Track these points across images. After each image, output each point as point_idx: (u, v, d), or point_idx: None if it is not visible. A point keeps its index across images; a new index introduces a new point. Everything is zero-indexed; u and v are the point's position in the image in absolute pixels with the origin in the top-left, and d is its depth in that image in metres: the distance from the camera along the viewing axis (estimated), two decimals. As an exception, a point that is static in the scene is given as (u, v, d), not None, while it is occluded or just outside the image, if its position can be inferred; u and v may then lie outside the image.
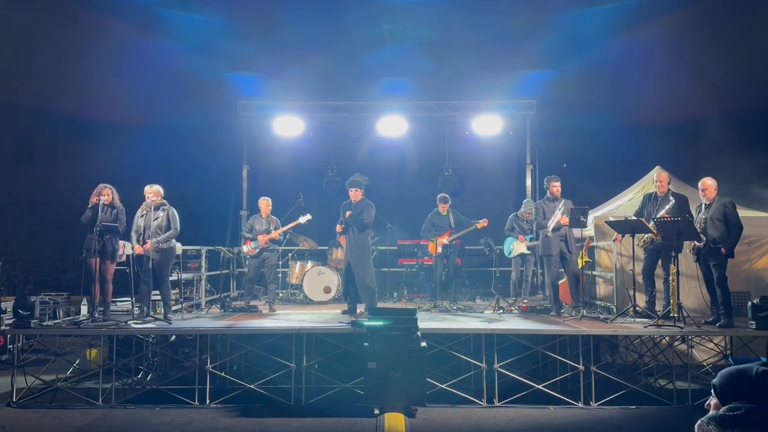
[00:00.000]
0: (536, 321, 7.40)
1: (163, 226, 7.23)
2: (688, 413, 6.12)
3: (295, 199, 10.09)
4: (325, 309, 8.81)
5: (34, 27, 12.39)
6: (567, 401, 6.41)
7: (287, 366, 6.55)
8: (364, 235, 7.80)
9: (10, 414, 6.10)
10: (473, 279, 11.32)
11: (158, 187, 7.31)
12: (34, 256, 15.87)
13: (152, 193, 7.22)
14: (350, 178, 8.01)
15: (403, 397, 5.93)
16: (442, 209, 9.05)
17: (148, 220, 7.12)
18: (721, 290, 6.66)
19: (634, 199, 9.16)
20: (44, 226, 16.43)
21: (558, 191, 7.76)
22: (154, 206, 7.19)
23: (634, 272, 7.47)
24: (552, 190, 7.81)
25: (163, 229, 7.21)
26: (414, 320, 6.22)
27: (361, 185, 7.88)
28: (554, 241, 7.59)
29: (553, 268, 7.74)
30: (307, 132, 12.18)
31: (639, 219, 7.04)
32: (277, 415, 6.06)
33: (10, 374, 6.63)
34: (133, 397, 6.83)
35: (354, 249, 7.75)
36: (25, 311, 6.62)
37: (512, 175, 12.50)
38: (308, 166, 12.42)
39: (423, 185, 12.29)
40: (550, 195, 7.80)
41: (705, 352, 7.49)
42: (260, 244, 8.42)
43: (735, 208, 6.72)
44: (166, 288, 7.35)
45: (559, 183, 7.82)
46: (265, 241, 8.39)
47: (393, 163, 12.33)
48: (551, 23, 12.09)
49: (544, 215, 7.72)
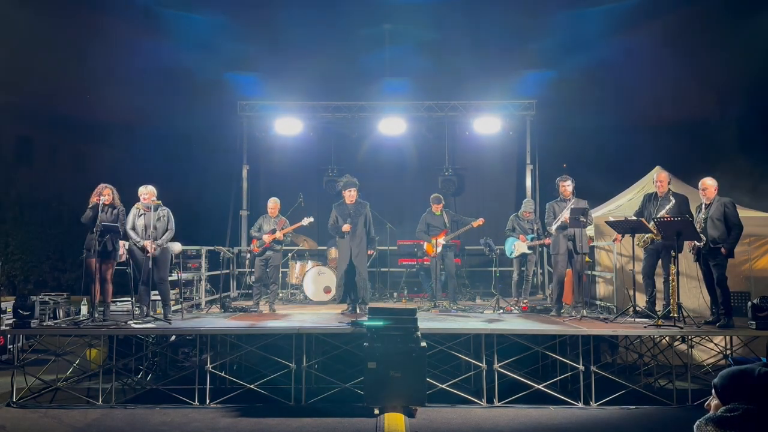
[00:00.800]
0: (536, 321, 7.39)
1: (164, 225, 7.26)
2: (688, 413, 6.12)
3: (295, 199, 10.10)
4: (325, 309, 8.82)
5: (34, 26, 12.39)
6: (567, 401, 6.41)
7: (287, 366, 6.55)
8: (367, 235, 8.07)
9: (10, 414, 6.10)
10: (473, 279, 11.33)
11: (152, 188, 7.33)
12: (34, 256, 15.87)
13: (148, 194, 7.23)
14: (344, 180, 8.10)
15: (403, 397, 5.93)
16: (436, 209, 9.06)
17: (149, 220, 7.12)
18: (721, 290, 6.65)
19: (634, 199, 9.16)
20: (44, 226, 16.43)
21: (567, 191, 7.72)
22: (153, 206, 7.19)
23: (634, 272, 7.47)
24: (561, 191, 7.81)
25: (164, 229, 7.23)
26: (414, 320, 6.21)
27: (357, 185, 8.01)
28: (561, 240, 7.61)
29: (559, 266, 7.75)
30: (307, 132, 12.19)
31: (639, 219, 7.03)
32: (277, 415, 6.06)
33: (10, 374, 6.63)
34: (133, 397, 6.84)
35: (358, 246, 7.86)
36: (25, 311, 6.62)
37: (512, 175, 12.49)
38: (308, 166, 12.42)
39: (423, 185, 12.29)
40: (561, 195, 7.80)
41: (705, 352, 7.49)
42: (264, 243, 8.43)
43: (735, 208, 6.72)
44: (165, 288, 7.35)
45: (568, 182, 7.74)
46: (269, 241, 8.41)
47: (393, 163, 12.33)
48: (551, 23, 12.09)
49: (554, 215, 7.72)
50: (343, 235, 7.90)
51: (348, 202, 7.96)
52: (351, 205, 7.95)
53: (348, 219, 7.90)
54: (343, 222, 7.92)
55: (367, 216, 8.01)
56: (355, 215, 7.90)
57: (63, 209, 16.88)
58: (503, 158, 12.42)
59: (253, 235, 8.64)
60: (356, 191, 7.98)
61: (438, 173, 12.20)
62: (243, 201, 12.44)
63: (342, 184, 8.08)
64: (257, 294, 8.70)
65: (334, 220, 8.02)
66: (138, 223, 7.20)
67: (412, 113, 12.19)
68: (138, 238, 7.15)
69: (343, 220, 7.91)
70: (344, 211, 7.94)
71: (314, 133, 12.21)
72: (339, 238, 8.03)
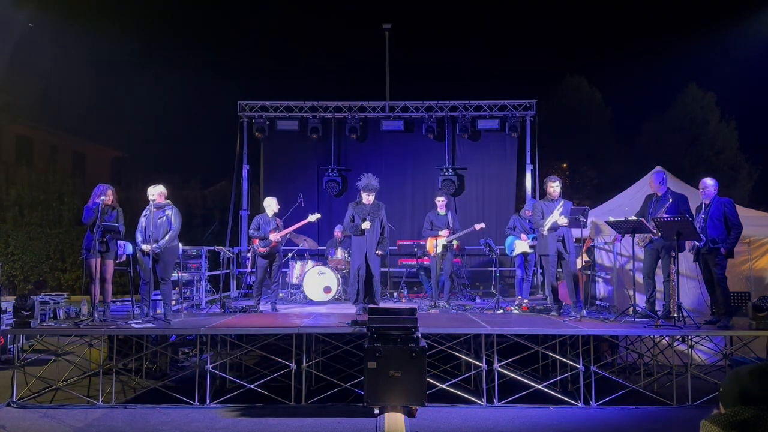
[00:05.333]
0: (536, 321, 7.39)
1: (165, 226, 7.21)
2: (688, 413, 6.13)
3: (295, 199, 10.11)
4: (325, 309, 8.82)
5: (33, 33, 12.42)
6: (567, 401, 6.40)
7: (287, 366, 6.55)
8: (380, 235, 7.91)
9: (10, 414, 6.10)
10: (473, 279, 11.34)
11: (161, 187, 7.28)
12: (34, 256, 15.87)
13: (155, 194, 7.21)
14: (366, 182, 7.83)
15: (402, 397, 5.92)
16: (441, 209, 9.09)
17: (149, 221, 7.11)
18: (721, 290, 6.65)
19: (634, 199, 9.16)
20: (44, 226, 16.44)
21: (555, 192, 7.68)
22: (156, 206, 7.18)
23: (634, 272, 7.47)
24: (548, 191, 7.76)
25: (165, 230, 7.20)
26: (414, 320, 6.21)
27: (377, 189, 7.88)
28: (551, 241, 7.57)
29: (550, 268, 7.73)
30: (307, 132, 12.19)
31: (639, 219, 7.03)
32: (277, 415, 6.06)
33: (10, 374, 6.63)
34: (133, 397, 6.84)
35: (373, 246, 7.72)
36: (25, 311, 6.62)
37: (512, 175, 12.50)
38: (308, 166, 12.44)
39: (423, 185, 12.32)
40: (549, 196, 7.76)
41: (705, 352, 7.49)
42: (271, 243, 8.39)
43: (735, 208, 6.71)
44: (167, 288, 7.32)
45: (556, 183, 7.71)
46: (277, 240, 8.38)
47: (393, 163, 12.36)
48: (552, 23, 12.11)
49: (542, 215, 7.68)
50: (363, 232, 7.69)
51: (365, 202, 7.82)
52: (368, 205, 7.82)
53: (367, 218, 7.79)
54: (359, 221, 7.76)
55: (383, 218, 7.90)
56: (373, 216, 7.77)
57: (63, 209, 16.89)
58: (503, 158, 12.43)
59: (254, 234, 8.62)
60: (372, 194, 7.81)
61: (438, 173, 12.22)
62: (243, 201, 12.46)
63: (363, 185, 7.89)
64: (257, 294, 8.68)
65: (350, 219, 7.84)
66: (141, 223, 7.18)
67: (413, 113, 12.23)
68: (141, 238, 7.16)
69: (361, 219, 7.76)
70: (362, 210, 7.77)
71: (314, 133, 12.22)
72: (354, 237, 7.84)
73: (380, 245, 7.87)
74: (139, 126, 20.98)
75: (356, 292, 7.76)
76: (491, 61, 25.96)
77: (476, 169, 12.43)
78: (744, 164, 20.62)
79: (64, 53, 13.50)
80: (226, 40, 26.52)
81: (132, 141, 21.48)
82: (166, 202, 7.26)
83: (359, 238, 7.75)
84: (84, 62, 13.50)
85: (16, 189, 17.05)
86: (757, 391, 1.54)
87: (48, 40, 13.14)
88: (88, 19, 12.84)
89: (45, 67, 13.72)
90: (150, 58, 20.84)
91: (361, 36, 12.59)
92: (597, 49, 29.04)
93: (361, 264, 7.70)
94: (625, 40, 26.78)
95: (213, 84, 12.78)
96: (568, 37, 28.32)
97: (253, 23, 26.06)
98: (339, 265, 10.16)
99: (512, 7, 29.84)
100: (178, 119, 20.96)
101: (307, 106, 12.29)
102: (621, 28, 28.38)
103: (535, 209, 7.85)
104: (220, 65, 24.48)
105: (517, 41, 28.32)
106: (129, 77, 20.65)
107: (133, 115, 21.09)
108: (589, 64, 26.95)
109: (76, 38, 13.19)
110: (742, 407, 1.53)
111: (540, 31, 28.24)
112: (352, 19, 27.50)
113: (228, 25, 25.66)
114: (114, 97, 20.41)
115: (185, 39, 22.35)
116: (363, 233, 7.69)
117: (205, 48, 25.77)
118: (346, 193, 12.14)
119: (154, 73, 19.58)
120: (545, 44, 27.79)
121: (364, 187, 7.82)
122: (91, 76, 13.67)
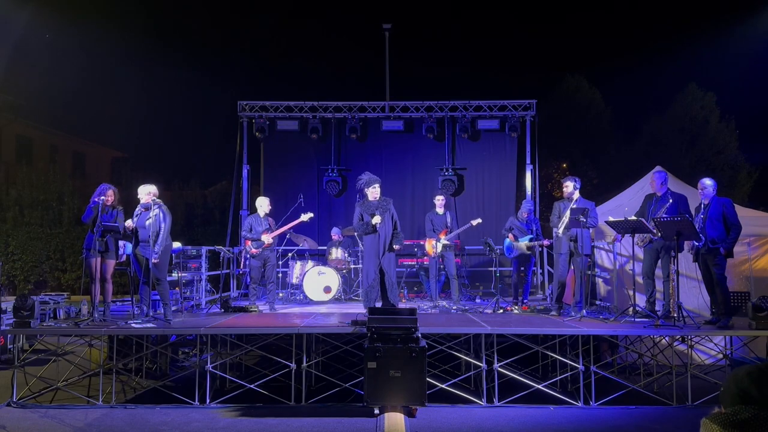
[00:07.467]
0: (536, 321, 7.39)
1: (154, 226, 7.01)
2: (688, 413, 6.13)
3: (295, 199, 10.11)
4: (325, 309, 8.82)
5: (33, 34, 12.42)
6: (567, 401, 6.41)
7: (287, 366, 6.55)
8: (393, 230, 7.53)
9: (10, 414, 6.10)
10: (473, 279, 11.34)
11: (151, 187, 7.16)
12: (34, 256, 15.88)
13: (143, 194, 7.15)
14: (365, 178, 7.53)
15: (402, 397, 5.93)
16: (439, 209, 9.12)
17: (140, 221, 7.05)
18: (721, 290, 6.66)
19: (634, 198, 9.16)
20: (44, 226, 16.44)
21: (566, 192, 7.72)
22: (143, 206, 7.13)
23: (634, 272, 7.47)
24: (563, 190, 7.86)
25: (156, 230, 7.02)
26: (414, 320, 6.22)
27: (380, 181, 7.52)
28: (564, 241, 7.63)
29: (560, 266, 7.75)
30: (307, 132, 12.20)
31: (639, 219, 7.03)
32: (277, 415, 6.06)
33: (10, 374, 6.63)
34: (133, 397, 6.84)
35: (386, 245, 7.31)
36: (25, 311, 6.62)
37: (512, 175, 12.51)
38: (308, 166, 12.45)
39: (423, 185, 12.33)
40: (564, 195, 7.86)
41: (705, 352, 7.49)
42: (263, 244, 8.40)
43: (733, 208, 6.72)
44: (164, 288, 7.26)
45: (567, 183, 7.73)
46: (269, 241, 8.38)
47: (393, 163, 12.37)
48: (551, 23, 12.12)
49: (558, 215, 7.75)
50: (375, 229, 7.26)
51: (371, 199, 7.44)
52: (375, 201, 7.42)
53: (376, 213, 7.33)
54: (369, 219, 7.35)
55: (392, 212, 7.50)
56: (382, 212, 7.35)
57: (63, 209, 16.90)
58: (503, 158, 12.44)
59: (247, 236, 8.61)
60: (380, 187, 7.45)
61: (438, 173, 12.23)
62: (243, 201, 12.46)
63: (364, 182, 7.49)
64: (254, 295, 8.67)
65: (359, 218, 7.41)
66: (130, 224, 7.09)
67: (413, 113, 12.24)
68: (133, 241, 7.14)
69: (369, 216, 7.36)
70: (369, 208, 7.39)
71: (314, 133, 12.22)
72: (366, 237, 7.41)
73: (395, 239, 7.53)
74: (139, 126, 21.02)
75: (372, 295, 7.24)
76: (491, 61, 26.02)
77: (476, 169, 12.44)
78: (744, 164, 20.63)
79: (64, 53, 13.50)
80: (226, 40, 26.60)
81: (132, 141, 21.52)
82: (157, 202, 7.09)
83: (371, 237, 7.29)
84: (84, 62, 13.49)
85: (16, 189, 17.06)
86: (755, 392, 1.54)
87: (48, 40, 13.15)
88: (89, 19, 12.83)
89: (45, 67, 13.71)
90: (150, 59, 20.91)
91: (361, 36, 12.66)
92: (597, 49, 29.14)
93: (376, 265, 7.25)
94: (625, 40, 26.85)
95: (213, 84, 12.81)
96: (568, 37, 28.39)
97: (254, 23, 26.12)
98: (339, 264, 10.16)
99: (512, 7, 29.95)
100: (179, 119, 21.01)
101: (307, 106, 12.30)
102: (621, 28, 28.44)
103: (554, 209, 7.92)
104: (221, 65, 24.53)
105: (517, 41, 28.43)
106: (129, 77, 20.72)
107: (133, 115, 21.14)
108: (589, 64, 27.01)
109: (77, 38, 13.19)
110: (742, 407, 1.53)
111: (540, 31, 28.32)
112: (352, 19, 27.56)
113: (228, 25, 25.72)
114: (114, 97, 20.45)
115: (185, 39, 22.39)
116: (375, 230, 7.24)
117: (205, 48, 25.83)
118: (346, 193, 12.15)
119: (154, 74, 19.63)
120: (545, 44, 27.88)
121: (366, 183, 7.47)
122: (91, 77, 13.66)
